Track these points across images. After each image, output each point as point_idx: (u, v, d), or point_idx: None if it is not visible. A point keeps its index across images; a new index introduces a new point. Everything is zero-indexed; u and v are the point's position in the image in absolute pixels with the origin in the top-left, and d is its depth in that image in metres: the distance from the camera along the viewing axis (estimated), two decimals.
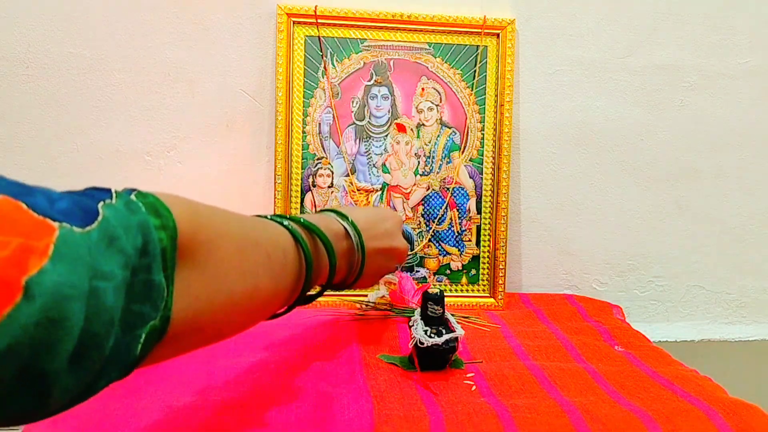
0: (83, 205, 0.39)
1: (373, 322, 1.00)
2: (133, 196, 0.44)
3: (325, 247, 0.69)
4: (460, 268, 1.13)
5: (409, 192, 1.12)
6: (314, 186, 1.10)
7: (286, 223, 0.64)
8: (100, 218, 0.39)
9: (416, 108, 1.12)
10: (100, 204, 0.40)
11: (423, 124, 1.12)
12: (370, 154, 1.11)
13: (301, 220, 0.67)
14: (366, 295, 1.08)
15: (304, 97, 1.09)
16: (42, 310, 0.34)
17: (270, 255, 0.58)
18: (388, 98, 1.11)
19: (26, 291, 0.33)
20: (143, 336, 0.42)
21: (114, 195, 0.42)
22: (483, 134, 1.13)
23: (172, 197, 0.47)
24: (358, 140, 1.11)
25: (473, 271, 1.13)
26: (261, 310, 0.60)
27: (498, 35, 1.12)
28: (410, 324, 0.84)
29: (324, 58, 1.10)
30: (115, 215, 0.40)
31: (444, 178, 1.13)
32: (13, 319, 0.32)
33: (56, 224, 0.36)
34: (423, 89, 1.12)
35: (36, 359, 0.34)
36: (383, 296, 1.07)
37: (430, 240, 1.13)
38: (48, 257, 0.34)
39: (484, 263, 1.13)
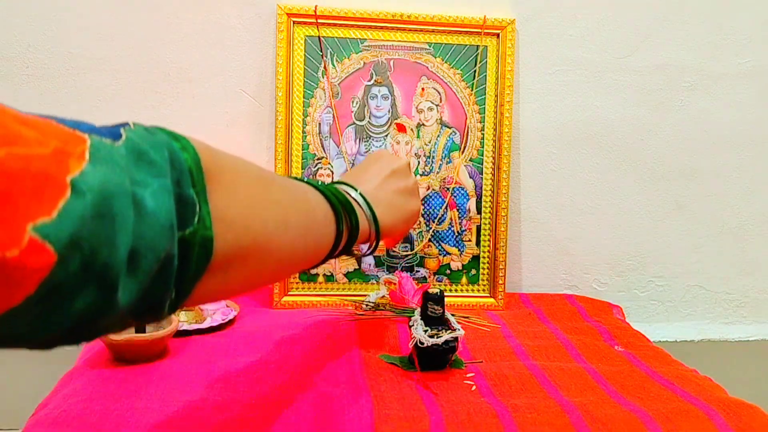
0: (105, 128, 0.41)
1: (373, 322, 1.00)
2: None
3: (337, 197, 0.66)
4: (460, 268, 1.13)
5: None
6: None
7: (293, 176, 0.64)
8: (124, 137, 0.40)
9: (416, 108, 1.12)
10: (121, 129, 0.41)
11: (423, 124, 1.12)
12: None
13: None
14: (366, 295, 1.08)
15: (304, 97, 1.09)
16: (93, 205, 0.34)
17: (290, 189, 0.59)
18: (388, 98, 1.11)
19: (74, 187, 0.34)
20: (195, 249, 0.43)
21: (131, 124, 0.44)
22: (483, 134, 1.13)
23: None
24: (358, 140, 1.11)
25: (473, 271, 1.13)
26: (297, 248, 0.59)
27: (498, 35, 1.12)
28: (410, 324, 0.84)
29: (324, 58, 1.10)
30: (137, 135, 0.42)
31: (444, 178, 1.13)
32: (69, 212, 0.33)
33: (86, 135, 0.37)
34: (423, 89, 1.12)
35: (98, 251, 0.35)
36: (383, 296, 1.07)
37: (430, 240, 1.13)
38: (86, 161, 0.35)
39: (484, 263, 1.13)
